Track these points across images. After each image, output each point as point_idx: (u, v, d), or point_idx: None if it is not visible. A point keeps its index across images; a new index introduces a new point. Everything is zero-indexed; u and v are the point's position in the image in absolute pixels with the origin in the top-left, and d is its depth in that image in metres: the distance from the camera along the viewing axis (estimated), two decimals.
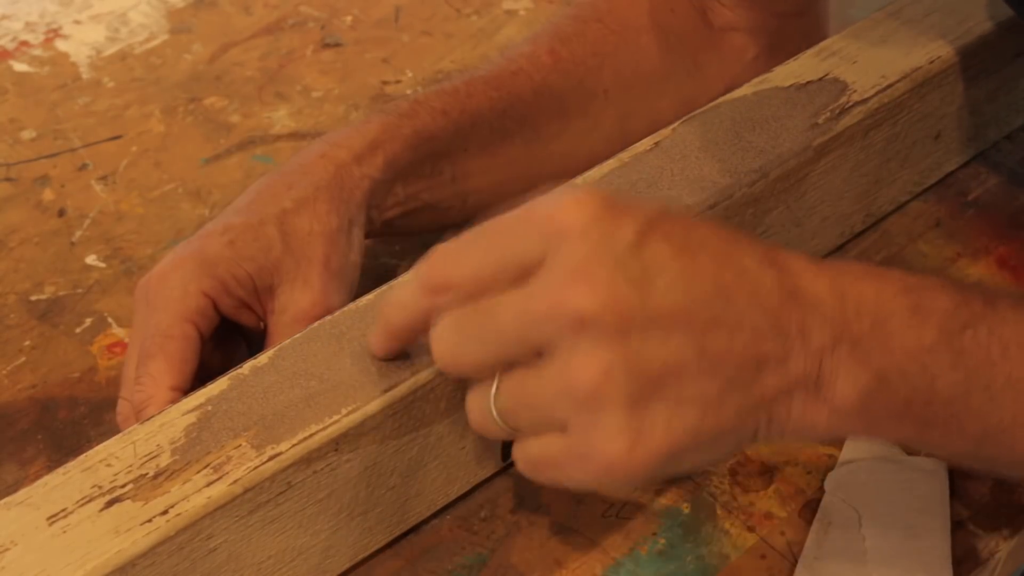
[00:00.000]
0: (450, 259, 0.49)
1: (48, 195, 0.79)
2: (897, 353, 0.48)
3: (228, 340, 0.62)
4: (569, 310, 0.44)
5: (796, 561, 0.58)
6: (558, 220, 0.46)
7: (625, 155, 0.63)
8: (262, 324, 0.62)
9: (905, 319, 0.48)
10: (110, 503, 0.49)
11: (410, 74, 0.88)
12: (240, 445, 0.50)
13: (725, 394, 0.46)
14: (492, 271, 0.47)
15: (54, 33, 0.91)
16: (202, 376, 0.57)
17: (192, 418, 0.51)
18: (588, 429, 0.45)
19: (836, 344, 0.47)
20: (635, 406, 0.45)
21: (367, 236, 0.66)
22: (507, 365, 0.48)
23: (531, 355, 0.46)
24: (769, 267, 0.47)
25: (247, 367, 0.53)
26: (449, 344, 0.48)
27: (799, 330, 0.47)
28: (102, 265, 0.74)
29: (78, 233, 0.76)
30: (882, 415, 0.48)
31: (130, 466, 0.50)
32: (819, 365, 0.47)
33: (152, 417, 0.52)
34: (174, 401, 0.53)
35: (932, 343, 0.48)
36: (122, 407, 0.59)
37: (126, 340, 0.69)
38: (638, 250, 0.45)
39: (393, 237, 0.74)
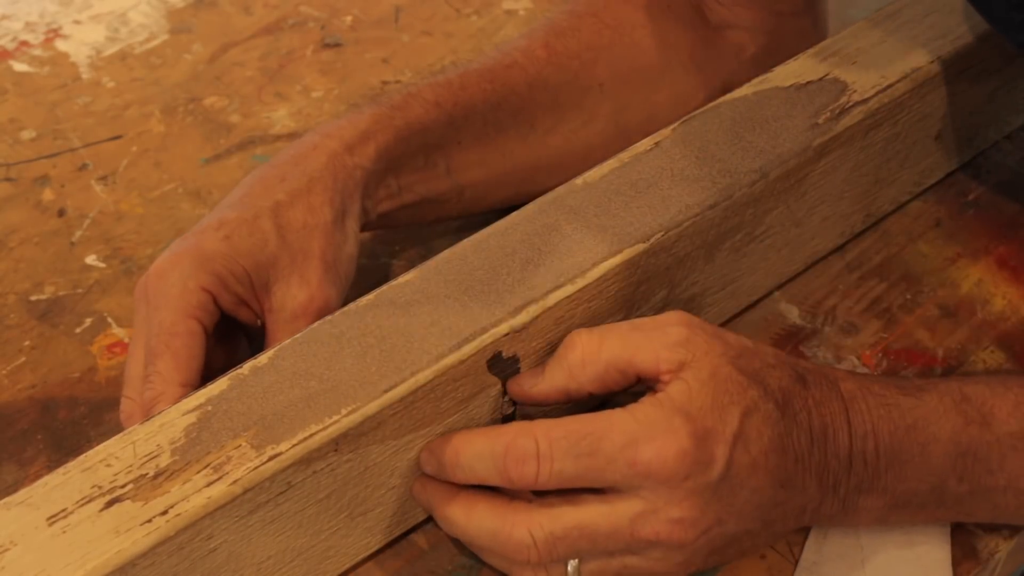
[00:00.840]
0: (532, 459, 0.53)
1: (48, 195, 0.79)
2: (911, 483, 0.56)
3: (229, 336, 0.62)
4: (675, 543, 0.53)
5: (796, 561, 0.58)
6: (653, 465, 0.52)
7: (625, 155, 0.63)
8: (260, 321, 0.62)
9: (916, 455, 0.55)
10: (110, 503, 0.49)
11: (410, 74, 0.88)
12: (240, 445, 0.50)
13: (769, 534, 0.56)
14: (574, 483, 0.53)
15: (54, 33, 0.91)
16: (205, 373, 0.57)
17: (192, 418, 0.51)
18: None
19: (859, 491, 0.55)
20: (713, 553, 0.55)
21: (365, 229, 0.66)
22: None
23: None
24: (816, 448, 0.55)
25: (247, 367, 0.53)
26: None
27: (832, 486, 0.55)
28: (102, 265, 0.74)
29: (78, 233, 0.76)
30: (898, 520, 0.57)
31: (130, 466, 0.50)
32: (843, 504, 0.56)
33: (154, 417, 0.52)
34: (184, 398, 0.53)
35: (939, 472, 0.56)
36: (125, 405, 0.59)
37: (126, 340, 0.69)
38: (728, 475, 0.52)
39: (391, 235, 0.74)
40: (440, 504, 0.55)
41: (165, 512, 0.48)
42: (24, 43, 0.91)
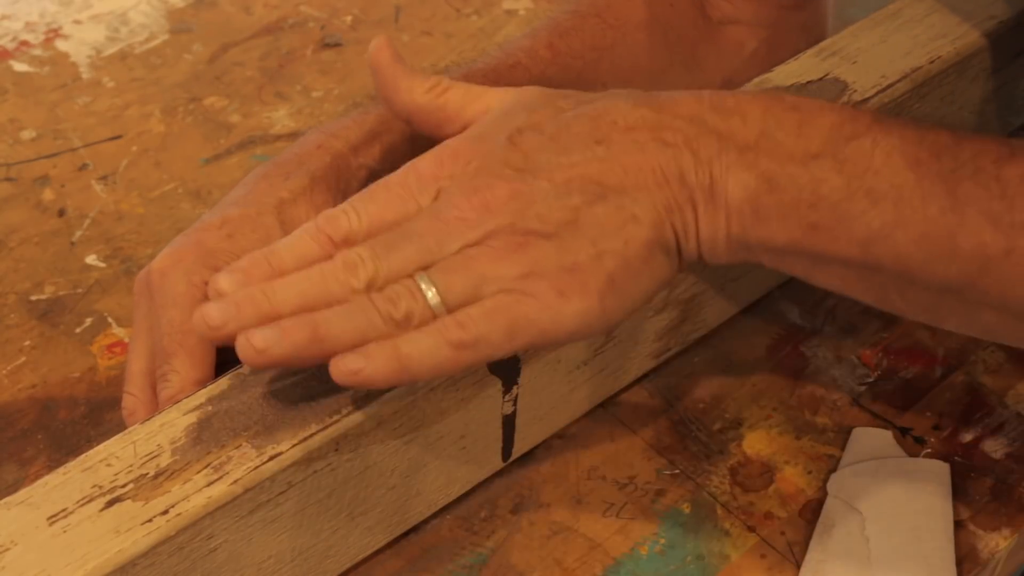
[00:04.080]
0: (344, 217, 0.51)
1: (48, 195, 0.79)
2: (783, 159, 0.51)
3: None
4: (476, 205, 0.49)
5: (796, 561, 0.58)
6: (444, 165, 0.51)
7: None
8: None
9: (792, 131, 0.52)
10: (110, 503, 0.49)
11: None
12: (240, 445, 0.50)
13: (636, 210, 0.50)
14: (392, 218, 0.50)
15: (54, 33, 0.91)
16: None
17: (192, 418, 0.51)
18: (534, 277, 0.49)
19: (723, 151, 0.51)
20: (564, 249, 0.49)
21: None
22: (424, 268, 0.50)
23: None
24: (642, 107, 0.52)
25: (247, 367, 0.53)
26: (370, 266, 0.49)
27: (685, 142, 0.51)
28: (102, 265, 0.74)
29: (78, 233, 0.76)
30: (772, 215, 0.51)
31: (130, 466, 0.50)
32: (710, 173, 0.51)
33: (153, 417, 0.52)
34: None
35: (817, 151, 0.51)
36: (127, 402, 0.59)
37: (126, 340, 0.69)
38: (513, 146, 0.51)
39: None
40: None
41: (165, 512, 0.48)
42: (24, 43, 0.91)
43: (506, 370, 0.57)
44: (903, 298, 0.54)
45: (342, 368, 0.47)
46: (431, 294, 0.48)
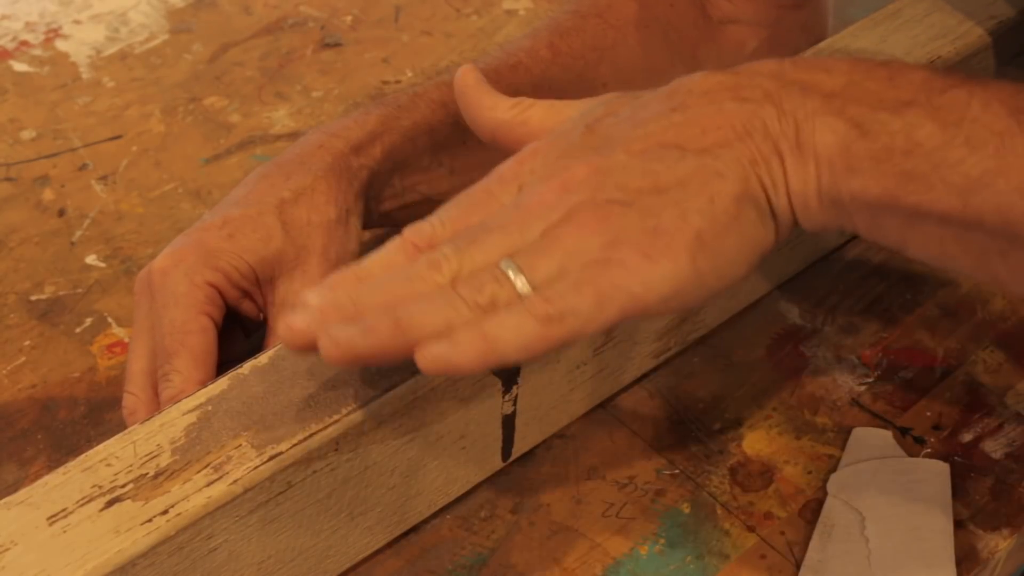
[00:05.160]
0: (429, 225, 0.50)
1: (48, 195, 0.79)
2: (873, 105, 0.49)
3: (227, 331, 0.62)
4: (556, 188, 0.48)
5: (796, 561, 0.58)
6: (524, 163, 0.50)
7: None
8: (262, 315, 0.62)
9: (882, 81, 0.50)
10: (110, 503, 0.49)
11: (410, 74, 0.88)
12: (240, 445, 0.50)
13: (720, 167, 0.49)
14: (476, 220, 0.49)
15: (54, 33, 0.91)
16: None
17: (192, 418, 0.51)
18: (618, 244, 0.47)
19: (806, 99, 0.49)
20: (647, 213, 0.47)
21: (365, 228, 0.66)
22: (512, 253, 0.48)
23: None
24: (719, 73, 0.51)
25: (247, 367, 0.53)
26: (453, 261, 0.48)
27: (765, 96, 0.50)
28: (102, 265, 0.74)
29: (78, 233, 0.76)
30: (864, 163, 0.49)
31: (130, 466, 0.50)
32: (795, 121, 0.49)
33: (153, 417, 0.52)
34: None
35: (910, 99, 0.49)
36: (128, 401, 0.59)
37: (126, 340, 0.69)
38: (591, 132, 0.50)
39: (391, 234, 0.74)
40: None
41: (165, 512, 0.48)
42: (24, 43, 0.91)
43: (506, 370, 0.57)
44: (1005, 262, 0.50)
45: (427, 355, 0.45)
46: (517, 278, 0.47)
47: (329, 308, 0.47)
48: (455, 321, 0.46)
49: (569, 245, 0.47)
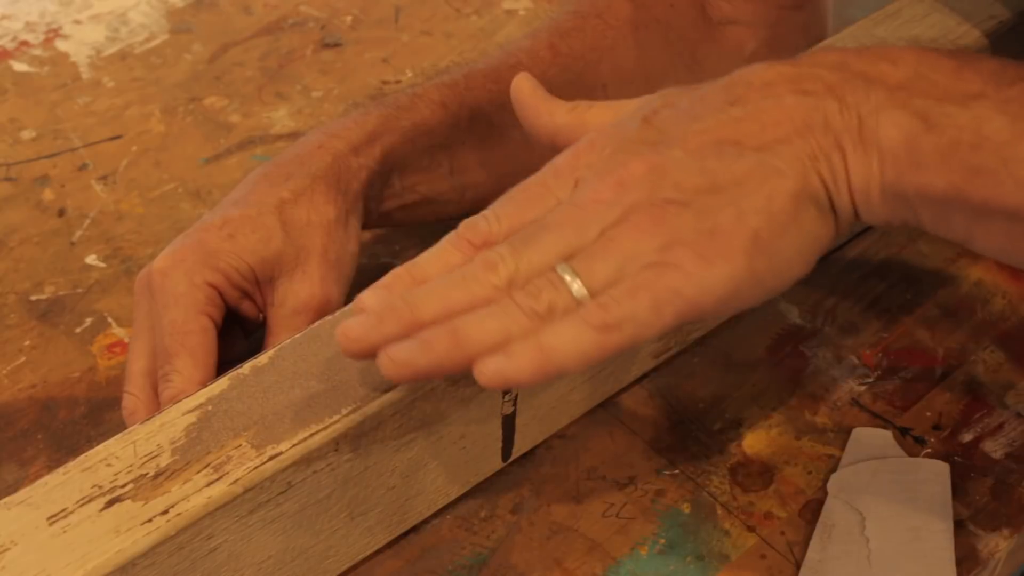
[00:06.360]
0: (484, 221, 0.50)
1: (48, 195, 0.79)
2: (939, 97, 0.48)
3: (227, 331, 0.62)
4: (612, 185, 0.48)
5: (796, 561, 0.58)
6: (580, 156, 0.50)
7: None
8: (261, 316, 0.62)
9: (949, 73, 0.48)
10: (110, 503, 0.49)
11: (410, 74, 0.88)
12: (240, 445, 0.50)
13: (779, 164, 0.48)
14: (532, 216, 0.49)
15: (54, 33, 0.91)
16: None
17: (192, 418, 0.51)
18: (674, 246, 0.47)
19: (871, 91, 0.48)
20: (703, 214, 0.47)
21: (365, 228, 0.66)
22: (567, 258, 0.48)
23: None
24: (779, 64, 0.50)
25: (247, 366, 0.53)
26: (510, 261, 0.48)
27: (827, 89, 0.48)
28: (102, 265, 0.74)
29: (78, 233, 0.76)
30: (929, 158, 0.48)
31: (130, 466, 0.50)
32: (858, 115, 0.48)
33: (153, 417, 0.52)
34: None
35: (978, 91, 0.48)
36: (127, 401, 0.59)
37: (126, 340, 0.69)
38: (647, 125, 0.49)
39: (392, 235, 0.74)
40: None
41: (165, 512, 0.48)
42: (24, 43, 0.91)
43: None
44: None
45: (485, 371, 0.45)
46: (573, 283, 0.46)
47: (386, 313, 0.47)
48: (513, 331, 0.46)
49: (626, 248, 0.47)
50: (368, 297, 0.48)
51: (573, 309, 0.46)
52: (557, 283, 0.46)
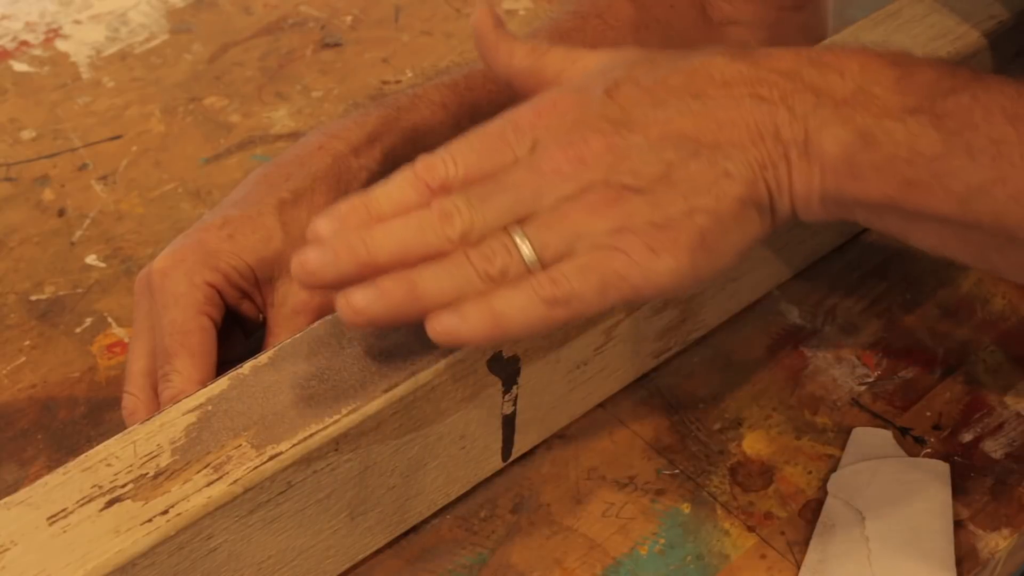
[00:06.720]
0: (441, 163, 0.51)
1: (48, 195, 0.79)
2: (879, 113, 0.50)
3: (227, 331, 0.62)
4: (572, 158, 0.49)
5: (796, 561, 0.58)
6: (542, 116, 0.51)
7: None
8: (261, 316, 0.62)
9: (890, 86, 0.51)
10: (110, 503, 0.49)
11: (410, 74, 0.88)
12: (240, 445, 0.50)
13: (730, 167, 0.50)
14: (489, 167, 0.50)
15: (54, 33, 0.91)
16: None
17: (192, 418, 0.51)
18: (625, 232, 0.49)
19: (819, 106, 0.51)
20: (656, 205, 0.49)
21: None
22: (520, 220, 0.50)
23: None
24: (739, 61, 0.52)
25: (247, 367, 0.53)
26: (466, 215, 0.49)
27: (781, 98, 0.51)
28: (102, 265, 0.74)
29: (78, 233, 0.76)
30: (867, 171, 0.51)
31: (130, 466, 0.50)
32: (805, 129, 0.51)
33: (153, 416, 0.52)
34: None
35: (915, 106, 0.50)
36: (127, 401, 0.59)
37: (126, 340, 0.69)
38: (610, 99, 0.51)
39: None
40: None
41: (165, 512, 0.48)
42: (24, 43, 0.91)
43: (506, 370, 0.57)
44: (1003, 257, 0.52)
45: (438, 327, 0.48)
46: (526, 250, 0.49)
47: (342, 248, 0.48)
48: (466, 290, 0.48)
49: (579, 225, 0.49)
50: (323, 226, 0.49)
51: (524, 276, 0.49)
52: (511, 248, 0.49)
